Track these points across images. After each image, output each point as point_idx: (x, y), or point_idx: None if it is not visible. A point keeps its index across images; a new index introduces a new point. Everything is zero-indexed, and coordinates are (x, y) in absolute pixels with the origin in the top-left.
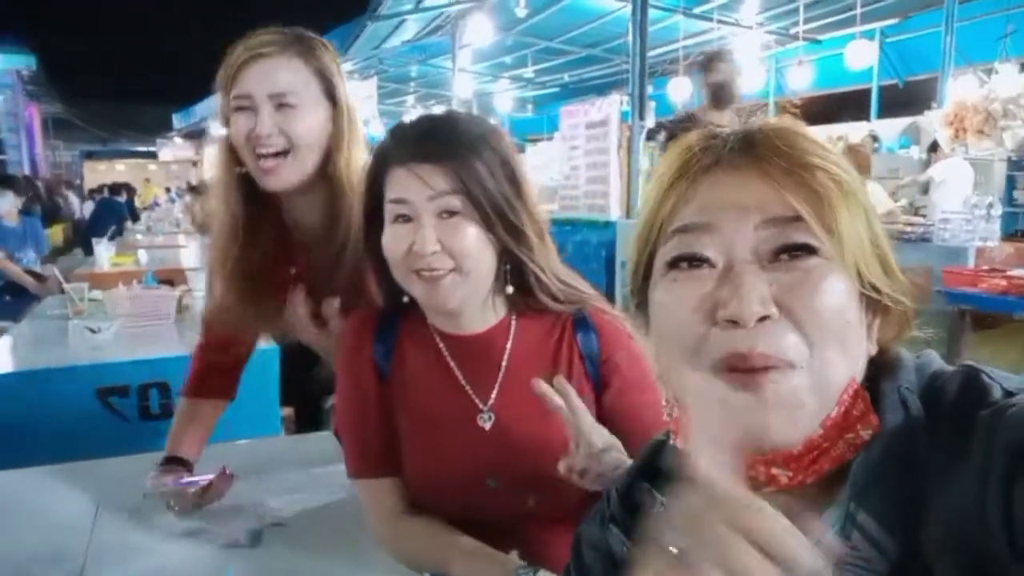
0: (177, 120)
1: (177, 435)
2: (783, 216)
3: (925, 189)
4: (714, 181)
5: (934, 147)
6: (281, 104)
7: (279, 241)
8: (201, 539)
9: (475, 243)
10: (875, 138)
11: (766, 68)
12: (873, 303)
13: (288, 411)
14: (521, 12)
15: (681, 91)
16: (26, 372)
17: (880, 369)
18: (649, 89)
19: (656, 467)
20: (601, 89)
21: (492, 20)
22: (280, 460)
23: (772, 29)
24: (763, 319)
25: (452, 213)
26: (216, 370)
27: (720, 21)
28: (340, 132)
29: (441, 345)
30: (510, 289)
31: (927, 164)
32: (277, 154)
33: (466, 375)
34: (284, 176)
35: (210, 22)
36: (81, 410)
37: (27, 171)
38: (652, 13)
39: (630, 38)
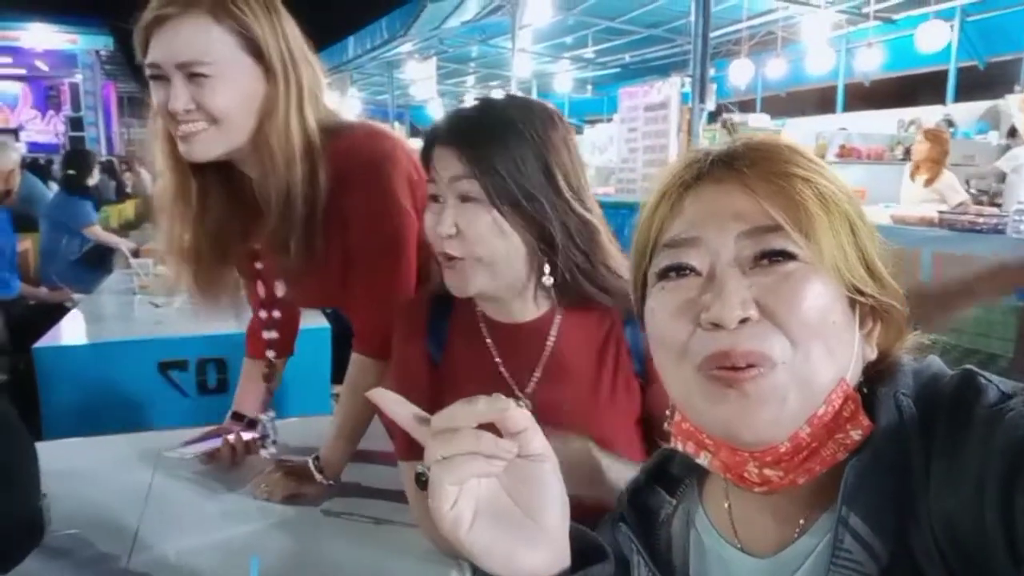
0: None
1: (239, 393)
2: (763, 225)
3: (1002, 178)
4: (698, 195)
5: (1012, 132)
6: (192, 74)
7: (238, 210)
8: (239, 514)
9: (490, 230)
10: (950, 123)
11: (835, 50)
12: (871, 309)
13: (340, 389)
14: None
15: (742, 73)
16: (94, 345)
17: (879, 374)
18: (711, 71)
19: (667, 470)
20: (663, 70)
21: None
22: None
23: (843, 8)
24: (744, 321)
25: (468, 198)
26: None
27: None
28: (275, 95)
29: (485, 331)
30: (548, 280)
31: (1006, 151)
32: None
33: (506, 362)
34: (204, 146)
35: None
36: (143, 383)
37: (103, 148)
38: None
39: (692, 18)
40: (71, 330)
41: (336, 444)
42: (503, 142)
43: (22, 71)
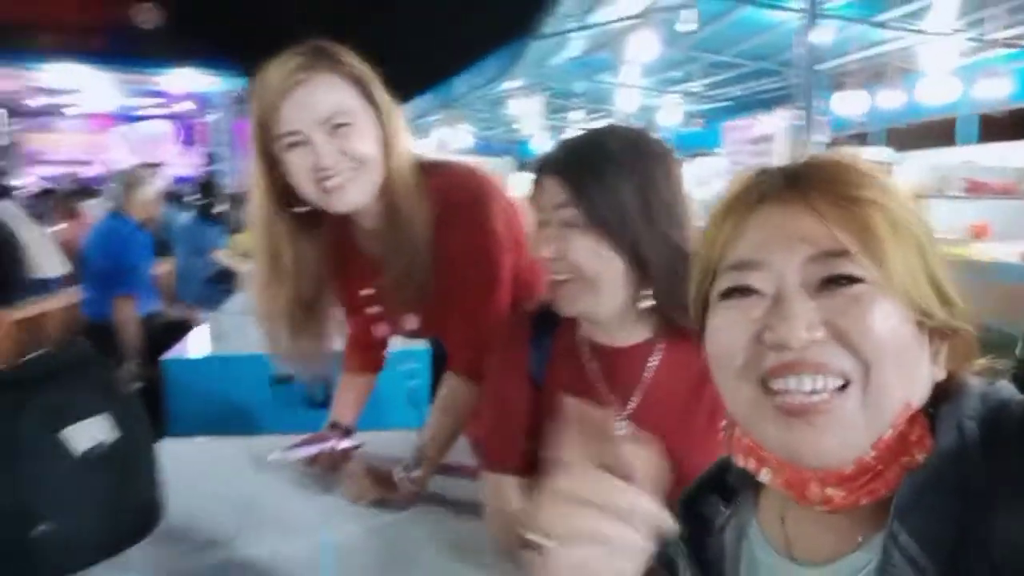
0: None
1: (337, 405)
2: (831, 250)
3: None
4: (763, 217)
5: None
6: (335, 126)
7: (347, 262)
8: (331, 514)
9: (589, 255)
10: None
11: (960, 79)
12: (938, 330)
13: None
14: (682, 28)
15: (855, 105)
16: (213, 358)
17: (945, 394)
18: (818, 103)
19: (724, 481)
20: (775, 103)
21: (658, 35)
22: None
23: (970, 36)
24: (812, 342)
25: (569, 224)
26: (359, 348)
27: (900, 28)
28: (390, 132)
29: (587, 353)
30: (644, 304)
31: None
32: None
33: (604, 384)
34: (354, 195)
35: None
36: (257, 394)
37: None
38: (823, 22)
39: (798, 50)
40: (195, 344)
41: (426, 456)
42: (600, 172)
43: (168, 111)
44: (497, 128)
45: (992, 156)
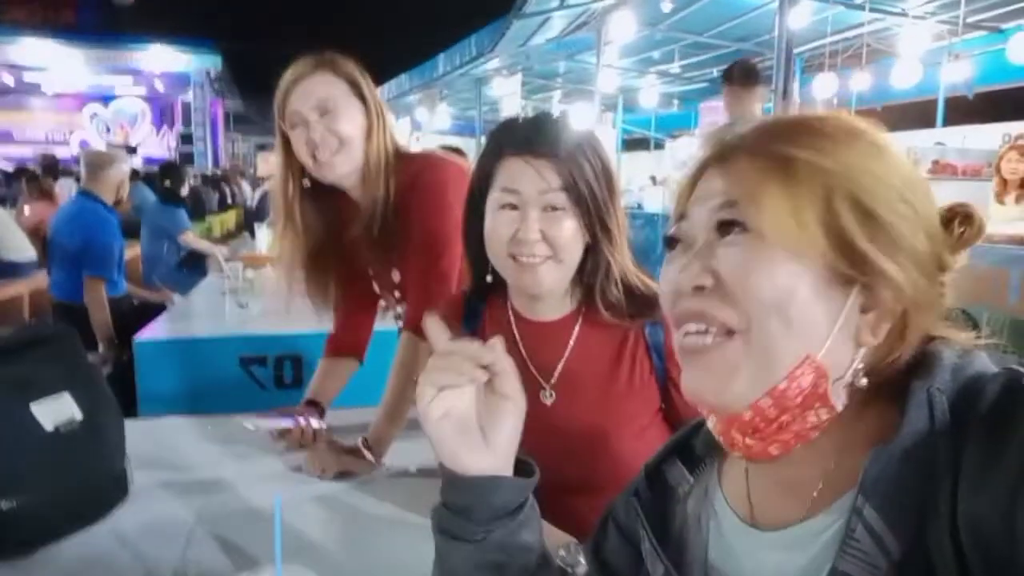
0: None
1: (318, 385)
2: (726, 200)
3: None
4: (706, 176)
5: None
6: (325, 111)
7: (347, 231)
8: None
9: (572, 236)
10: None
11: (935, 62)
12: (871, 291)
13: None
14: (667, 7)
15: (827, 87)
16: (184, 339)
17: (916, 366)
18: (795, 85)
19: (691, 447)
20: None
21: (637, 15)
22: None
23: (944, 19)
24: (700, 288)
25: (556, 208)
26: (345, 329)
27: (877, 10)
28: (371, 124)
29: (515, 327)
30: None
31: None
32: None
33: (532, 356)
34: (339, 166)
35: (368, 26)
36: (226, 375)
37: (210, 161)
38: (803, 5)
39: (775, 31)
40: (166, 326)
41: (383, 422)
42: (585, 156)
43: (142, 90)
44: (477, 108)
45: (971, 139)
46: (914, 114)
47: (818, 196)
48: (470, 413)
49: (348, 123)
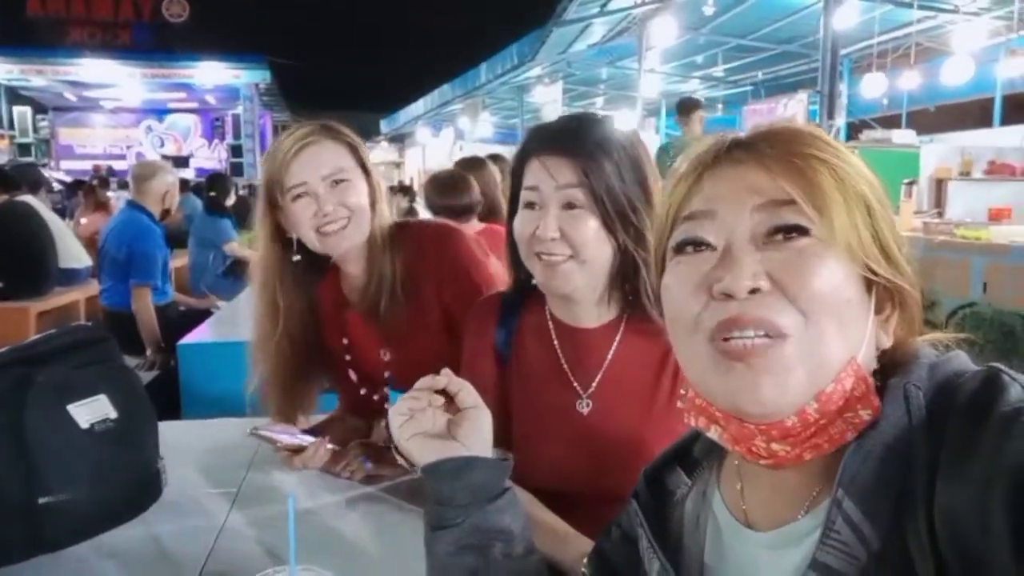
0: (384, 125)
1: (322, 425)
2: (777, 199)
3: None
4: (717, 174)
5: None
6: (336, 181)
7: (334, 313)
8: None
9: (593, 235)
10: None
11: (991, 60)
12: (888, 295)
13: None
14: (709, 10)
15: (876, 87)
16: (226, 343)
17: (894, 364)
18: (842, 86)
19: (690, 452)
20: (796, 87)
21: (679, 20)
22: None
23: (999, 15)
24: (755, 292)
25: (574, 205)
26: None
27: (924, 7)
28: (375, 192)
29: (553, 333)
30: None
31: None
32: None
33: (570, 363)
34: (349, 238)
35: (412, 41)
36: None
37: (259, 172)
38: (849, 5)
39: (821, 32)
40: (209, 331)
41: None
42: (608, 155)
43: (194, 105)
44: (520, 116)
45: (1016, 138)
46: (970, 113)
47: (861, 202)
48: (441, 430)
49: (359, 195)
